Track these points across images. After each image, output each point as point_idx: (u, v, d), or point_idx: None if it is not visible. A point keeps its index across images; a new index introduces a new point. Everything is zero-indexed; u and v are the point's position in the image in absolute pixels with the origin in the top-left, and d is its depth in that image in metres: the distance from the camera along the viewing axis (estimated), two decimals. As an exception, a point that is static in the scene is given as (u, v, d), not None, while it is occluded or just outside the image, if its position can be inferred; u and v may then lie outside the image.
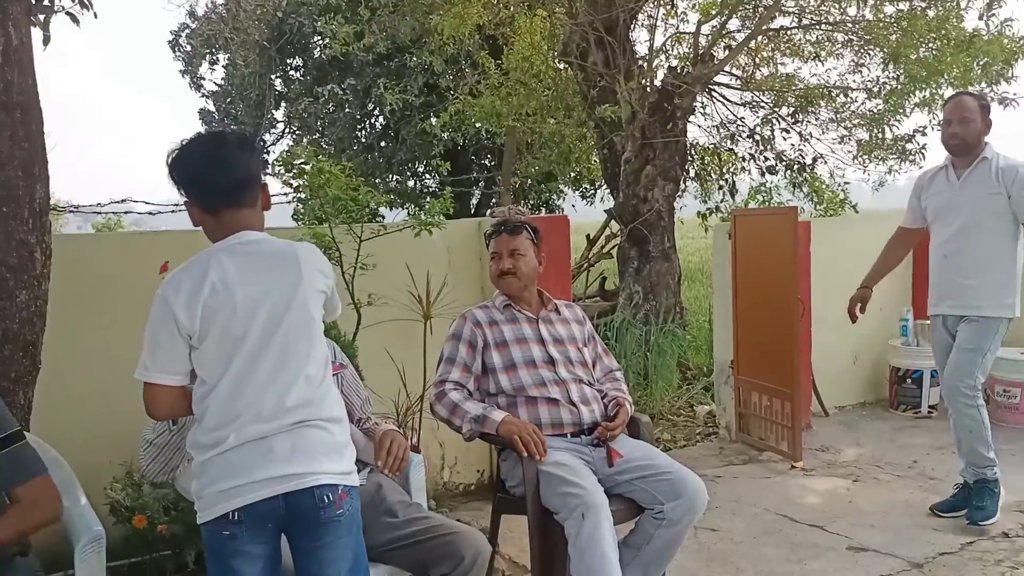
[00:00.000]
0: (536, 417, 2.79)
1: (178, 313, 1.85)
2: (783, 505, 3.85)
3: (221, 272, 1.88)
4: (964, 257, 3.57)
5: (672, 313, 7.30)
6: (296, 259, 1.95)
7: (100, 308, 3.32)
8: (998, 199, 3.49)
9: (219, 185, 1.94)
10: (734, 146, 8.81)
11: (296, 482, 1.84)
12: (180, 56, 13.40)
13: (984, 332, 3.55)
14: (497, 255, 2.98)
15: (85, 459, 3.00)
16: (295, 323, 1.91)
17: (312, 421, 1.90)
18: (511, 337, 2.90)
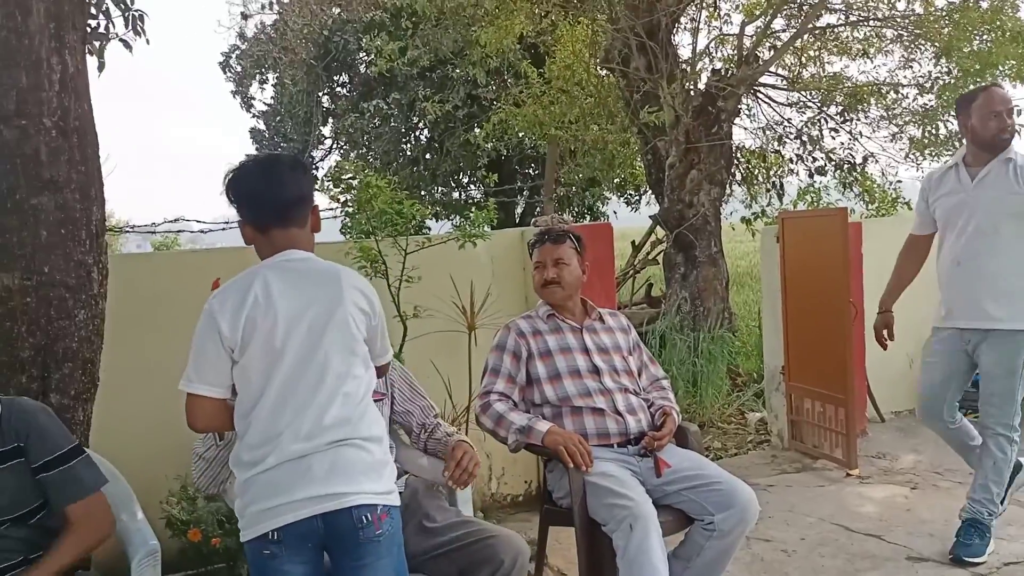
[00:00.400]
0: (582, 427, 2.77)
1: (222, 325, 1.90)
2: (838, 514, 3.76)
3: (265, 286, 1.93)
4: (980, 264, 3.22)
5: (721, 318, 7.21)
6: (338, 278, 1.99)
7: (155, 325, 3.41)
8: (1016, 200, 3.17)
9: (269, 203, 2.00)
10: (781, 148, 8.68)
11: (334, 502, 1.85)
12: (231, 77, 13.74)
13: (1011, 349, 3.19)
14: (541, 264, 2.98)
15: (142, 474, 3.08)
16: (335, 339, 1.94)
17: (350, 440, 1.91)
18: (555, 347, 2.90)
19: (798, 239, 4.70)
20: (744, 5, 8.02)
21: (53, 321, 2.68)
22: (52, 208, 2.67)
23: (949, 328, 3.34)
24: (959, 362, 3.34)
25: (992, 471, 3.25)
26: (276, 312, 1.91)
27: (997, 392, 3.22)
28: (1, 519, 2.01)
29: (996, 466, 3.24)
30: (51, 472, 2.06)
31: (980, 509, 3.25)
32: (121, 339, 3.18)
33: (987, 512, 3.25)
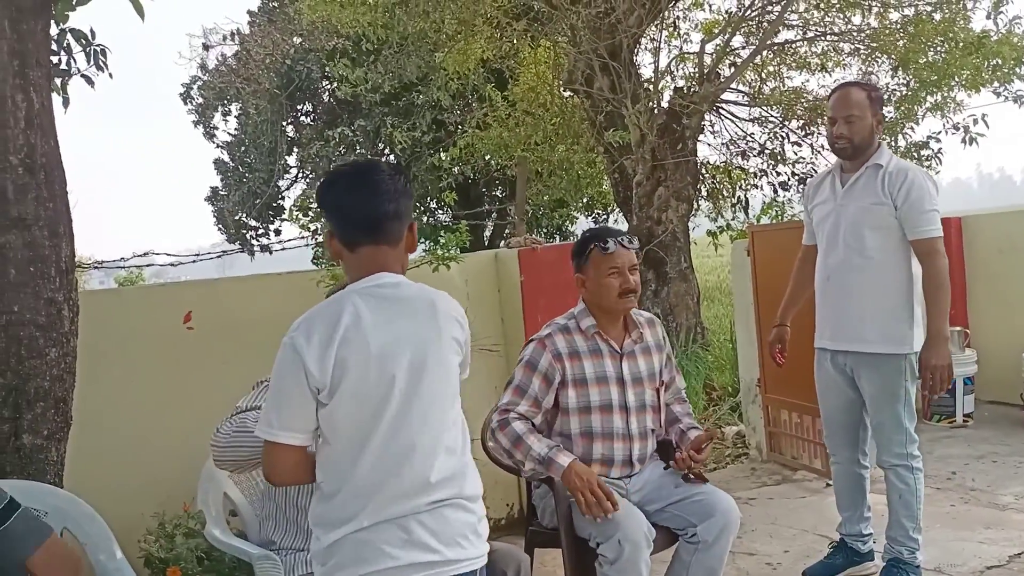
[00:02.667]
0: (588, 453, 2.69)
1: (309, 363, 1.67)
2: (821, 525, 3.78)
3: (356, 318, 1.71)
4: (848, 280, 2.99)
5: (693, 334, 7.27)
6: (434, 306, 1.79)
7: (127, 361, 3.35)
8: (883, 211, 2.90)
9: (361, 217, 1.78)
10: (745, 163, 8.82)
11: (439, 570, 1.69)
12: (193, 108, 13.65)
13: (890, 375, 2.96)
14: (616, 270, 2.69)
15: (118, 512, 3.00)
16: (435, 381, 1.75)
17: (454, 500, 1.74)
18: (591, 376, 2.71)
19: (769, 252, 4.76)
20: (703, 24, 8.17)
21: (24, 360, 2.63)
22: (20, 246, 2.63)
23: (825, 350, 3.14)
24: (849, 386, 3.10)
25: (901, 506, 3.01)
26: (369, 349, 1.69)
27: (884, 422, 3.02)
28: None
29: (903, 499, 3.00)
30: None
31: (899, 548, 3.03)
32: (93, 377, 3.11)
33: (907, 551, 3.02)
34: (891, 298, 2.96)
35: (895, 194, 2.90)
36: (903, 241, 2.93)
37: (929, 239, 2.90)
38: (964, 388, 5.21)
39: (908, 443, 3.01)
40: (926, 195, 2.90)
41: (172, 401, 3.34)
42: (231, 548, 2.36)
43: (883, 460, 3.06)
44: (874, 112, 2.98)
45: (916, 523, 3.03)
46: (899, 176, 2.91)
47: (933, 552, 3.36)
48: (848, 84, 3.13)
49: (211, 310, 3.52)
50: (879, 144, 3.02)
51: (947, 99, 7.52)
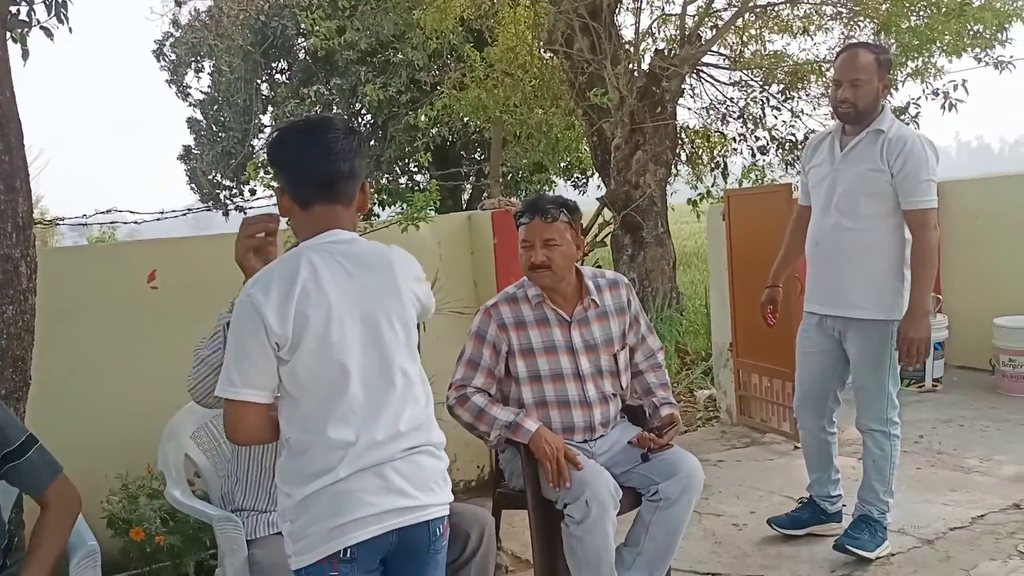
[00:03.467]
0: (546, 420, 2.66)
1: (268, 319, 1.65)
2: (788, 487, 3.82)
3: (313, 272, 1.69)
4: (839, 245, 2.97)
5: (668, 298, 7.28)
6: (390, 261, 1.79)
7: (90, 320, 3.29)
8: (879, 177, 2.87)
9: (315, 173, 1.76)
10: (724, 127, 8.78)
11: (416, 515, 1.71)
12: (166, 66, 13.34)
13: (877, 340, 2.96)
14: (528, 244, 2.67)
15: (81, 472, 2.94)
16: (396, 335, 1.74)
17: (425, 446, 1.75)
18: (539, 345, 2.68)
19: (744, 216, 4.74)
20: (685, -15, 8.04)
21: (-21, 318, 2.57)
22: (-26, 201, 2.55)
23: (814, 314, 3.13)
24: (833, 352, 3.10)
25: (874, 469, 3.05)
26: (330, 303, 1.68)
27: (866, 386, 3.03)
28: None
29: (876, 463, 3.04)
30: (16, 462, 2.02)
31: (869, 508, 3.08)
32: (55, 336, 3.06)
33: (877, 511, 3.06)
34: (881, 264, 2.94)
35: (892, 161, 2.85)
36: (897, 208, 2.89)
37: (922, 210, 2.87)
38: (934, 353, 5.25)
39: (889, 409, 3.04)
40: (923, 164, 2.86)
41: (137, 361, 3.29)
42: (191, 510, 2.33)
43: (862, 423, 3.09)
44: (881, 76, 2.92)
45: (887, 487, 3.07)
46: (898, 143, 2.85)
47: (898, 514, 3.39)
48: (856, 45, 3.03)
49: (177, 269, 3.45)
50: (883, 108, 2.96)
51: (928, 64, 7.51)
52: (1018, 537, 3.16)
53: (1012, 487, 3.63)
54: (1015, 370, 5.04)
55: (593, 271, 2.89)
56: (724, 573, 3.09)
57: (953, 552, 3.09)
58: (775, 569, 3.08)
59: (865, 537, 3.03)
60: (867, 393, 3.04)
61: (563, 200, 2.78)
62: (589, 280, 2.79)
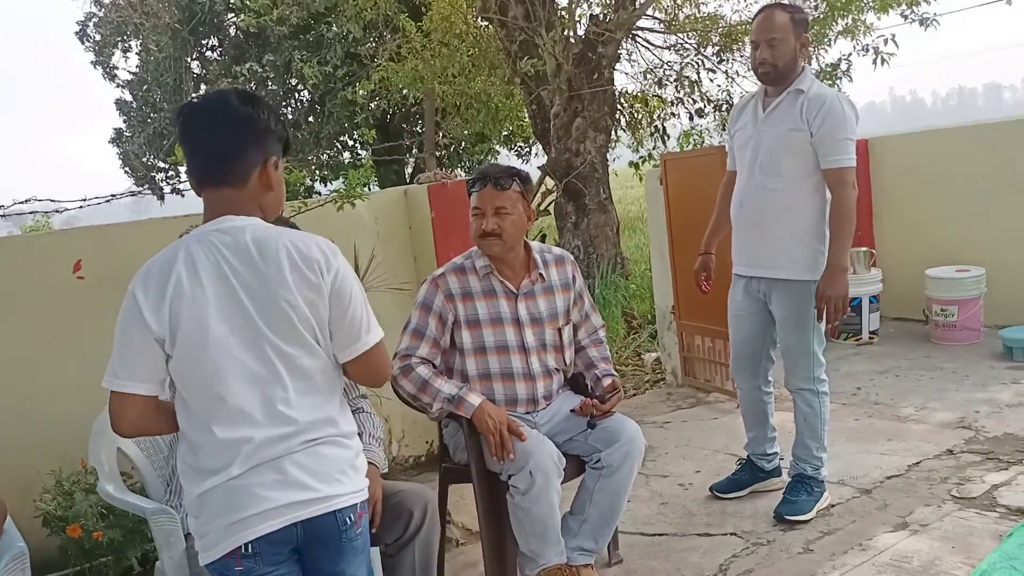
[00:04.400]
0: (490, 392, 2.66)
1: (146, 315, 1.60)
2: (732, 444, 3.89)
3: (190, 266, 1.62)
4: (761, 206, 2.99)
5: (613, 264, 7.33)
6: (277, 252, 1.65)
7: (15, 314, 3.17)
8: (798, 136, 2.89)
9: (199, 152, 1.69)
10: (661, 91, 8.80)
11: (317, 507, 1.65)
12: (90, 47, 12.84)
13: (800, 300, 2.98)
14: (479, 212, 2.64)
15: (12, 471, 2.90)
16: (285, 325, 1.65)
17: (328, 437, 1.69)
18: (484, 316, 2.67)
19: (681, 180, 4.77)
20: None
21: None
22: None
23: (741, 276, 3.17)
24: (761, 313, 3.14)
25: (806, 427, 3.11)
26: (205, 300, 1.61)
27: (792, 346, 3.06)
28: None
29: (807, 421, 3.09)
30: None
31: (804, 466, 3.12)
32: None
33: (811, 467, 3.12)
34: (803, 224, 2.96)
35: (812, 120, 2.86)
36: (818, 168, 2.91)
37: (839, 168, 2.89)
38: (870, 306, 5.39)
39: (815, 367, 3.08)
40: (841, 123, 2.87)
41: (65, 353, 3.19)
42: (125, 504, 2.28)
43: (790, 383, 3.14)
44: (797, 35, 2.93)
45: (820, 443, 3.14)
46: (817, 102, 2.87)
47: (837, 465, 3.50)
48: (771, 6, 3.00)
49: (102, 257, 3.34)
50: (803, 69, 2.97)
51: (857, 21, 7.62)
52: (951, 482, 3.27)
53: (945, 434, 3.75)
54: (947, 319, 5.19)
55: (540, 246, 2.88)
56: (670, 533, 3.14)
57: (890, 500, 3.19)
58: (719, 526, 3.14)
59: (803, 498, 3.10)
60: (793, 353, 3.08)
61: (515, 170, 2.77)
62: (537, 255, 2.79)
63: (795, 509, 3.08)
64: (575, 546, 2.66)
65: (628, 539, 3.08)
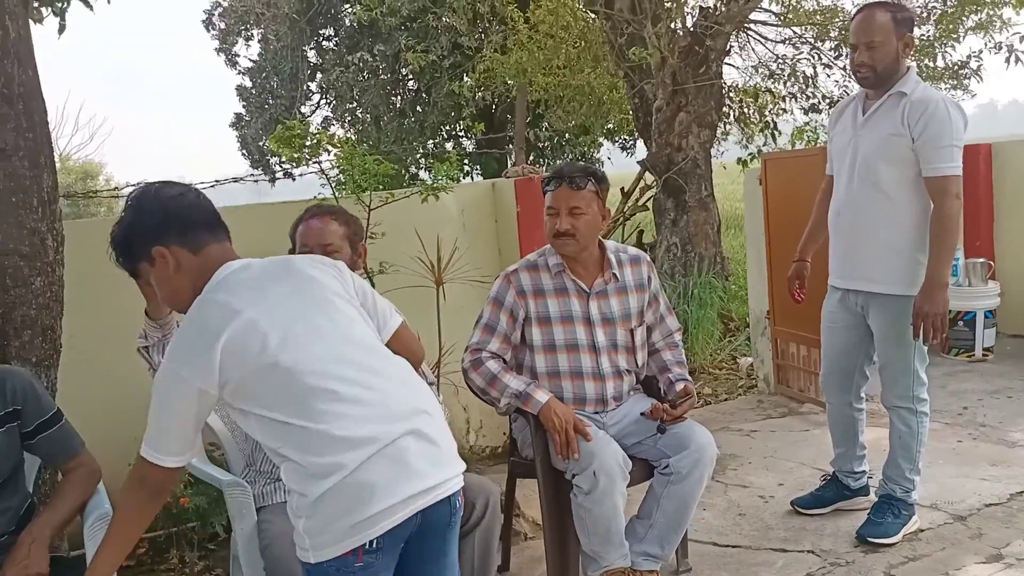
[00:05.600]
0: (558, 390, 2.66)
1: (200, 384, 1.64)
2: (820, 459, 3.72)
3: (227, 310, 1.66)
4: (859, 216, 2.85)
5: (713, 263, 7.15)
6: (291, 264, 1.78)
7: (120, 290, 3.36)
8: (900, 143, 2.73)
9: (203, 212, 1.77)
10: (774, 86, 8.49)
11: (436, 493, 1.67)
12: (215, 35, 13.51)
13: (899, 316, 2.81)
14: (554, 212, 2.63)
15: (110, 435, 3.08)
16: (342, 323, 1.73)
17: (430, 422, 1.72)
18: (556, 314, 2.67)
19: (781, 180, 4.61)
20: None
21: (9, 289, 2.67)
22: (1, 177, 2.63)
23: (837, 288, 3.02)
24: (857, 327, 2.99)
25: (899, 447, 2.95)
26: (258, 326, 1.64)
27: (891, 362, 2.92)
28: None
29: (902, 441, 2.93)
30: (48, 431, 2.13)
31: (893, 487, 2.97)
32: (89, 305, 3.16)
33: (901, 489, 2.96)
34: (903, 236, 2.80)
35: (913, 125, 2.70)
36: (920, 177, 2.75)
37: (942, 177, 2.72)
38: (985, 321, 5.05)
39: (916, 386, 2.92)
40: (946, 129, 2.70)
41: (166, 329, 3.37)
42: (204, 474, 2.40)
43: (887, 400, 2.99)
44: (900, 35, 2.76)
45: (914, 464, 2.97)
46: (920, 106, 2.71)
47: (932, 488, 3.30)
48: (871, 5, 2.84)
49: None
50: (907, 70, 2.81)
51: (992, 17, 7.13)
52: (1057, 514, 3.04)
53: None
54: None
55: (616, 245, 2.86)
56: (744, 545, 3.05)
57: (986, 529, 2.99)
58: (797, 543, 3.02)
59: (888, 520, 2.95)
60: (892, 370, 2.93)
61: (591, 169, 2.76)
62: (611, 254, 2.76)
63: (879, 531, 2.93)
64: (640, 551, 2.62)
65: (699, 548, 3.01)
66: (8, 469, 2.11)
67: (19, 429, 2.11)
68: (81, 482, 2.16)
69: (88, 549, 2.09)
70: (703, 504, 3.35)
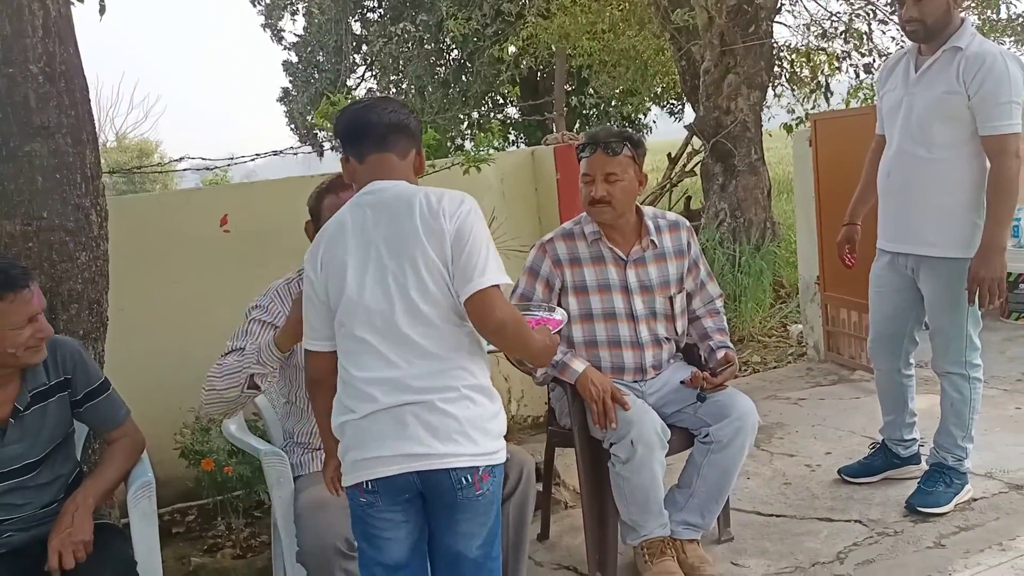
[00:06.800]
0: (596, 360, 2.63)
1: (311, 280, 1.84)
2: (870, 427, 3.62)
3: (338, 229, 1.82)
4: (910, 176, 2.75)
5: (763, 229, 7.00)
6: (410, 207, 1.77)
7: (167, 264, 3.44)
8: (955, 100, 2.62)
9: (369, 126, 1.86)
10: (827, 45, 8.20)
11: (431, 462, 1.73)
12: (261, 10, 13.60)
13: (953, 280, 2.72)
14: (589, 178, 2.60)
15: (158, 407, 3.14)
16: (412, 283, 1.75)
17: (456, 392, 1.75)
18: (592, 283, 2.64)
19: (832, 141, 4.46)
20: None
21: (56, 264, 2.72)
22: (45, 154, 2.67)
23: (886, 251, 2.93)
24: (907, 291, 2.90)
25: (951, 414, 2.86)
26: (347, 255, 1.79)
27: (943, 327, 2.82)
28: (50, 449, 2.14)
29: (954, 408, 2.85)
30: (95, 400, 2.20)
31: (945, 455, 2.89)
32: (135, 280, 3.23)
33: (953, 457, 2.88)
34: (957, 197, 2.70)
35: (970, 82, 2.58)
36: (976, 135, 2.63)
37: (1000, 136, 2.59)
38: (1048, 284, 4.86)
39: (968, 351, 2.82)
40: (1004, 84, 2.58)
41: (210, 301, 3.42)
42: (242, 443, 2.44)
43: (939, 366, 2.90)
44: None
45: (966, 432, 2.87)
46: (976, 61, 2.58)
47: (987, 456, 3.20)
48: None
49: (248, 213, 3.56)
50: (961, 22, 2.67)
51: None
52: (1119, 483, 2.92)
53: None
54: None
55: (654, 211, 2.80)
56: (789, 515, 2.99)
57: (1043, 499, 2.89)
58: (843, 512, 2.96)
59: (940, 489, 2.87)
60: (944, 335, 2.84)
61: (627, 134, 2.70)
62: (649, 220, 2.71)
63: (930, 500, 2.86)
64: (680, 520, 2.60)
65: (742, 517, 2.97)
66: (60, 436, 2.17)
67: (69, 397, 2.18)
68: (125, 451, 2.22)
69: (132, 517, 2.15)
70: (747, 473, 3.31)
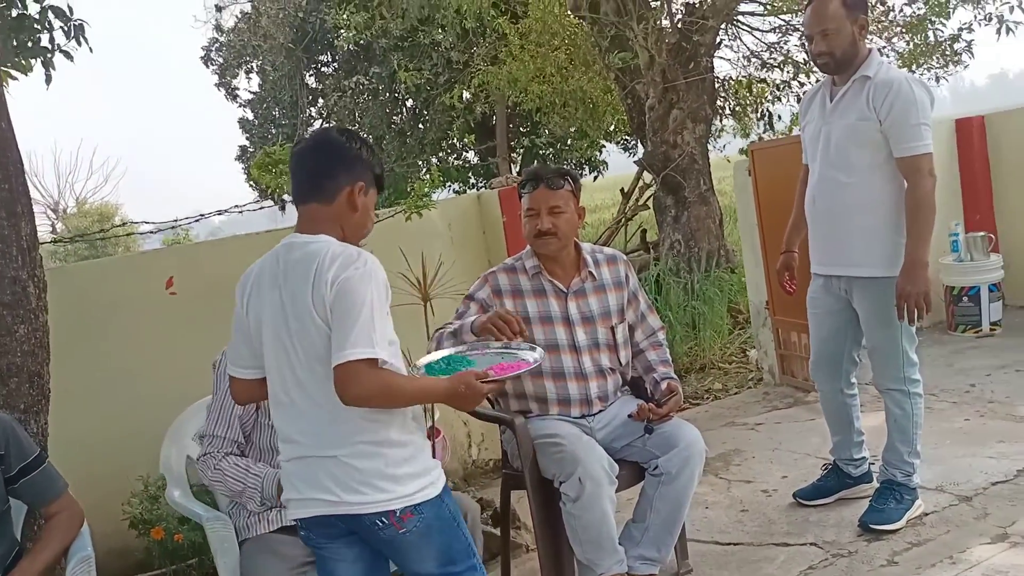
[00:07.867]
0: (542, 390, 2.66)
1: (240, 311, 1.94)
2: (825, 448, 3.62)
3: (261, 273, 1.91)
4: (834, 202, 2.84)
5: (717, 257, 7.10)
6: (310, 267, 1.79)
7: (110, 331, 3.42)
8: (868, 126, 2.73)
9: (297, 174, 1.93)
10: (767, 75, 8.43)
11: (339, 508, 1.79)
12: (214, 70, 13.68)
13: (883, 298, 2.78)
14: (534, 212, 2.66)
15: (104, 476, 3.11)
16: (305, 336, 1.79)
17: (354, 448, 1.79)
18: (535, 315, 2.68)
19: (770, 169, 4.57)
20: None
21: (-7, 338, 2.70)
22: (-22, 230, 2.66)
23: (820, 275, 3.00)
24: (842, 312, 2.96)
25: (896, 430, 2.91)
26: (262, 304, 1.87)
27: (879, 345, 2.89)
28: None
29: (898, 424, 2.90)
30: (30, 475, 2.15)
31: (893, 471, 2.93)
32: (79, 348, 3.20)
33: (901, 473, 2.92)
34: (878, 218, 2.79)
35: (879, 107, 2.70)
36: (891, 157, 2.74)
37: (914, 156, 2.70)
38: (990, 295, 4.97)
39: (906, 367, 2.88)
40: (912, 107, 2.69)
41: (159, 365, 3.41)
42: (186, 509, 2.41)
43: (879, 383, 2.96)
44: (853, 19, 2.75)
45: (912, 447, 2.93)
46: (884, 87, 2.70)
47: (937, 470, 3.25)
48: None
49: (193, 274, 3.56)
50: (868, 52, 2.80)
51: (983, -12, 7.04)
52: (1066, 489, 2.97)
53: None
54: None
55: (591, 247, 2.88)
56: (746, 542, 3.01)
57: (991, 509, 2.93)
58: (799, 536, 2.98)
59: (891, 506, 2.90)
60: (881, 353, 2.90)
61: (565, 170, 2.83)
62: (587, 254, 2.78)
63: (882, 518, 2.89)
64: (637, 555, 2.60)
65: (701, 548, 2.98)
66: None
67: (3, 474, 2.13)
68: (63, 526, 2.17)
69: (72, 591, 2.11)
70: (705, 502, 3.33)
